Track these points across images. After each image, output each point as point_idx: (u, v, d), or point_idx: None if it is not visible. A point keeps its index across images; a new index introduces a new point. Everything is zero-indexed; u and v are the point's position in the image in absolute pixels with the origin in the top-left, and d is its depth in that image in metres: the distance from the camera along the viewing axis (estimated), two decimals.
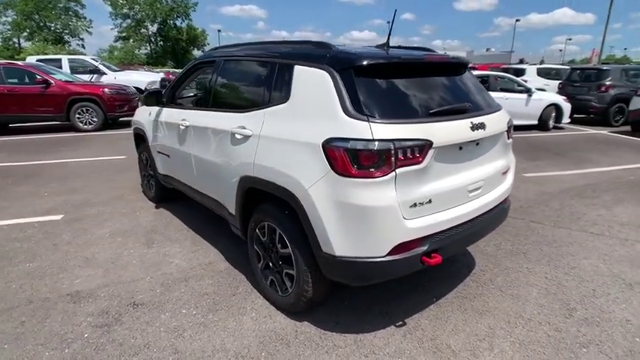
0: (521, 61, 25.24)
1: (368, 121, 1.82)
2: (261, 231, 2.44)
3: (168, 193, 4.21)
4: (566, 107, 9.53)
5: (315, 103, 2.02)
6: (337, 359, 2.03)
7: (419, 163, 1.86)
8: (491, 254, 3.18)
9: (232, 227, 2.80)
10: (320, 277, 2.13)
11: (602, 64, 18.85)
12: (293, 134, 2.06)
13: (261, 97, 2.40)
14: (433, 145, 1.88)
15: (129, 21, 48.80)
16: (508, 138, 2.50)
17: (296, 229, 2.13)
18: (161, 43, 52.99)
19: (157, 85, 12.20)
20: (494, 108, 2.38)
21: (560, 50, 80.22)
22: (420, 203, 1.91)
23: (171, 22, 51.11)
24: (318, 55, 2.10)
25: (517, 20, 59.16)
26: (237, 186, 2.48)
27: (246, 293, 2.62)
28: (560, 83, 11.73)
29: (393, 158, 1.78)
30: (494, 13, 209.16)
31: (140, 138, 4.28)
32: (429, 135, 1.87)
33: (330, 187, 1.86)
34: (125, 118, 10.19)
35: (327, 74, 1.99)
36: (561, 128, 9.81)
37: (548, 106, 9.31)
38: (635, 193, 4.78)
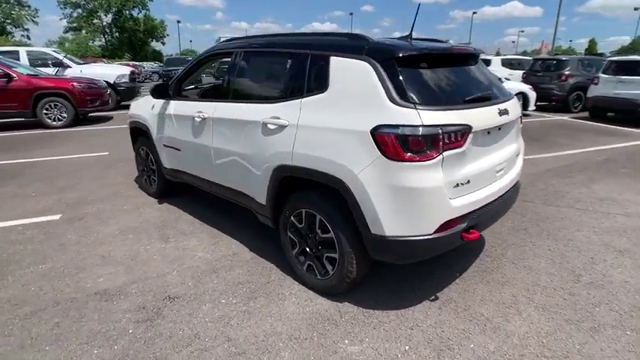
0: None
1: (415, 108, 1.93)
2: (296, 218, 2.50)
3: (171, 188, 4.14)
4: (532, 95, 10.16)
5: (358, 93, 2.10)
6: (385, 334, 2.16)
7: (461, 146, 2.00)
8: (497, 231, 3.42)
9: (259, 217, 2.83)
10: (363, 257, 2.24)
11: (555, 54, 20.08)
12: (336, 123, 2.13)
13: (294, 87, 2.44)
14: (472, 130, 2.03)
15: (79, 11, 45.87)
16: (520, 123, 2.71)
17: (339, 214, 2.22)
18: (117, 34, 50.32)
19: (127, 79, 11.67)
20: (509, 95, 2.57)
21: (513, 42, 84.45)
22: (461, 183, 2.06)
23: (127, 12, 48.62)
24: (356, 46, 2.18)
25: (474, 13, 62.23)
26: (271, 176, 2.52)
27: (280, 280, 2.68)
28: (524, 73, 12.43)
29: (440, 142, 1.92)
30: (450, 6, 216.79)
31: (139, 132, 4.15)
32: (467, 120, 2.02)
33: (381, 172, 1.96)
34: (97, 114, 9.76)
35: (368, 65, 2.08)
36: (528, 115, 10.45)
37: (516, 95, 9.84)
38: (604, 172, 5.26)
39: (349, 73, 2.16)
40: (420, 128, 1.89)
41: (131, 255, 3.05)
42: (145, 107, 3.94)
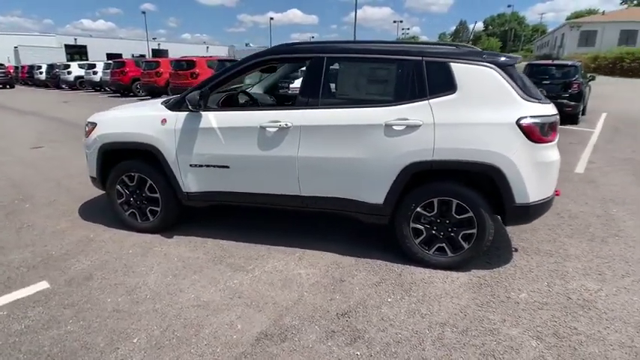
0: None
1: (540, 102, 2.58)
2: (424, 208, 2.77)
3: (180, 218, 3.50)
4: None
5: (490, 92, 2.58)
6: (524, 281, 2.73)
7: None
8: None
9: (366, 218, 2.92)
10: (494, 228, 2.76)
11: None
12: (478, 118, 2.55)
13: (412, 90, 2.67)
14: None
15: None
16: None
17: (478, 195, 2.66)
18: None
19: None
20: None
21: None
22: None
23: None
24: (475, 54, 2.65)
25: (271, 19, 65.18)
26: (399, 174, 2.69)
27: (406, 269, 2.86)
28: None
29: (557, 126, 2.64)
30: (237, 9, 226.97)
31: (128, 155, 3.30)
32: (555, 111, 2.80)
33: (528, 153, 2.52)
34: None
35: (493, 70, 2.58)
36: None
37: None
38: None
39: (477, 77, 2.60)
40: (551, 117, 2.56)
41: (229, 294, 2.60)
42: (146, 122, 3.18)
